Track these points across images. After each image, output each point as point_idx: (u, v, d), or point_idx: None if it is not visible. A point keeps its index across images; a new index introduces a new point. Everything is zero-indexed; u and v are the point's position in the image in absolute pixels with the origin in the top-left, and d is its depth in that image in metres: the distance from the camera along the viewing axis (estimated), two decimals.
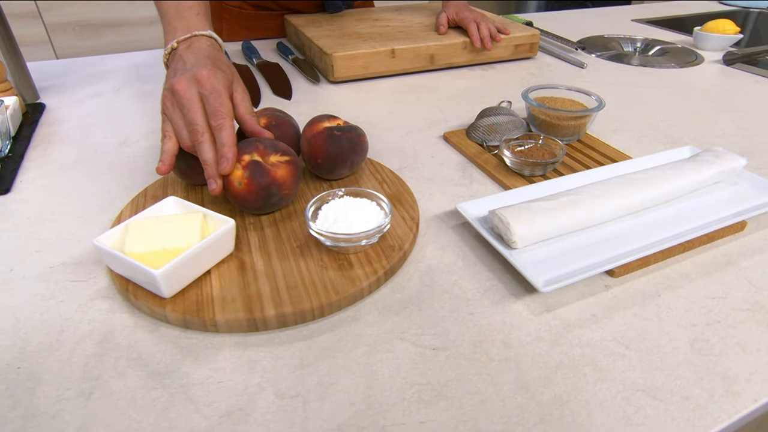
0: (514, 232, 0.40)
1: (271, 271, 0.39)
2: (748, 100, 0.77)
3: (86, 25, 2.22)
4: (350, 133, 0.48)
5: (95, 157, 0.59)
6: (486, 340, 0.35)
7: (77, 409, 0.30)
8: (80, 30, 2.22)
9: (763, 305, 0.38)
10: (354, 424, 0.30)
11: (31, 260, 0.43)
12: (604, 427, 0.30)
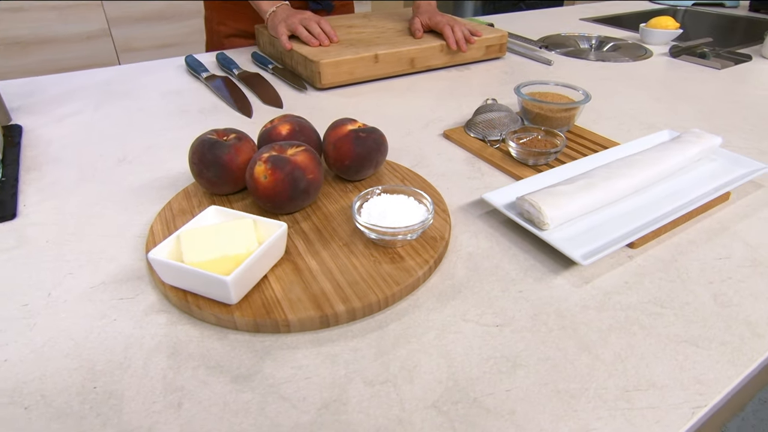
0: (546, 215, 0.44)
1: (327, 269, 0.40)
2: (699, 87, 0.86)
3: (12, 42, 2.09)
4: (374, 134, 0.50)
5: (97, 176, 0.57)
6: (541, 313, 0.39)
7: (171, 420, 0.31)
8: (6, 48, 2.08)
9: (761, 261, 0.44)
10: (447, 400, 0.32)
11: (67, 283, 0.41)
12: (664, 375, 0.34)
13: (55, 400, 0.32)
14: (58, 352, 0.35)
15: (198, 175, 0.48)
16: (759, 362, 0.35)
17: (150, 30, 2.34)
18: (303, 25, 0.85)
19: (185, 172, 0.58)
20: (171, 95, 0.80)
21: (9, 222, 0.49)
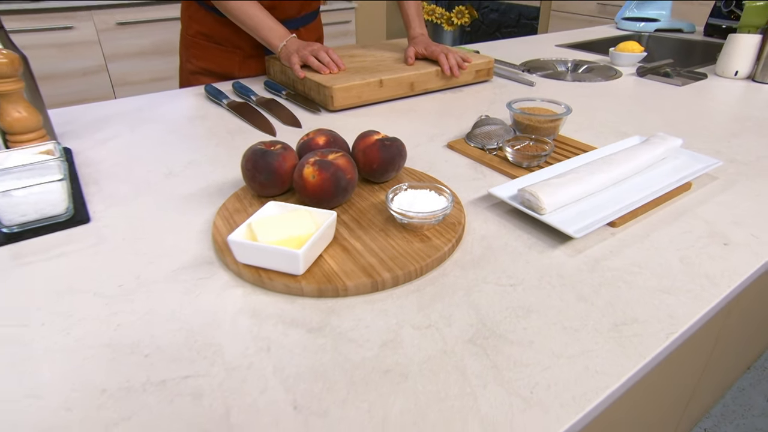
0: (543, 201, 0.54)
1: (370, 249, 0.50)
2: (663, 101, 1.00)
3: None
4: (396, 142, 0.61)
5: (150, 187, 0.66)
6: (545, 275, 0.49)
7: (265, 359, 0.39)
8: None
9: (716, 233, 0.56)
10: (479, 336, 0.41)
11: (150, 269, 0.50)
12: (643, 313, 0.44)
13: (167, 350, 0.40)
14: (160, 318, 0.44)
15: (251, 180, 0.57)
16: (715, 302, 0.45)
17: (144, 65, 2.44)
18: (313, 56, 0.96)
19: (227, 181, 0.67)
20: (197, 119, 0.90)
21: (85, 225, 0.58)
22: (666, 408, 0.88)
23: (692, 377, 0.92)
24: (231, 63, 1.12)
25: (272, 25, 1.00)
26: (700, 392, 1.05)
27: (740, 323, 1.01)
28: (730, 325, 0.93)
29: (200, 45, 1.12)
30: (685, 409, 1.03)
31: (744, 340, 1.16)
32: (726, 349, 1.01)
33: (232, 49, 1.11)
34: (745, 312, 0.99)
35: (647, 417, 0.79)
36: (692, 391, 1.00)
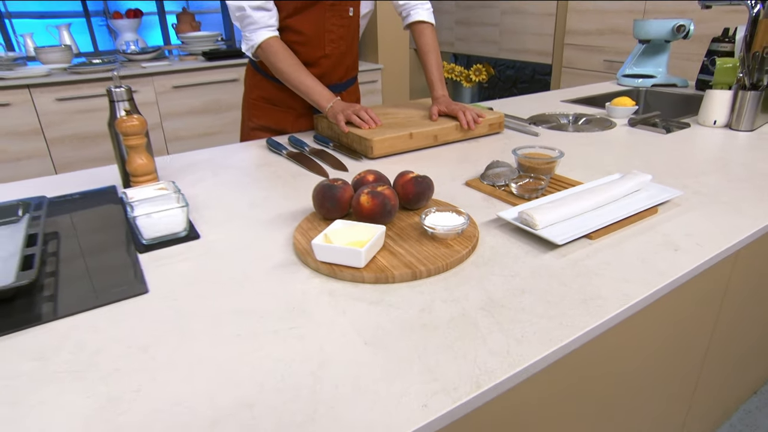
0: (536, 219, 0.74)
1: (409, 252, 0.70)
2: (649, 147, 1.20)
3: (84, 137, 2.50)
4: (426, 179, 0.82)
5: (239, 215, 0.88)
6: (537, 271, 0.68)
7: (342, 318, 0.59)
8: (76, 142, 2.49)
9: (670, 243, 0.74)
10: (488, 305, 0.60)
11: (251, 267, 0.71)
12: (608, 293, 0.62)
13: (275, 313, 0.60)
14: (266, 296, 0.64)
15: (320, 206, 0.79)
16: (661, 286, 0.64)
17: (194, 122, 2.77)
18: (355, 114, 1.20)
19: (296, 210, 0.89)
20: (264, 166, 1.14)
21: (197, 240, 0.80)
22: (662, 419, 1.02)
23: (686, 388, 1.07)
24: (285, 121, 1.38)
25: (321, 90, 1.25)
26: (698, 407, 1.18)
27: (731, 344, 1.15)
28: (719, 341, 1.08)
29: (260, 106, 1.38)
30: (683, 425, 1.16)
31: (744, 364, 1.29)
32: (720, 368, 1.15)
33: (287, 109, 1.37)
34: (736, 334, 1.14)
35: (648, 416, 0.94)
36: (688, 408, 1.13)
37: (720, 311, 1.03)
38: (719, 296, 1.00)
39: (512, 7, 3.45)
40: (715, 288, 0.97)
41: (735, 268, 1.00)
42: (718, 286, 0.98)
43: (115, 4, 3.44)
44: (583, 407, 0.79)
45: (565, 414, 0.75)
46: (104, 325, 0.59)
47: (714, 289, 0.97)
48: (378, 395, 0.47)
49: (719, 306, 1.02)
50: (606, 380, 0.80)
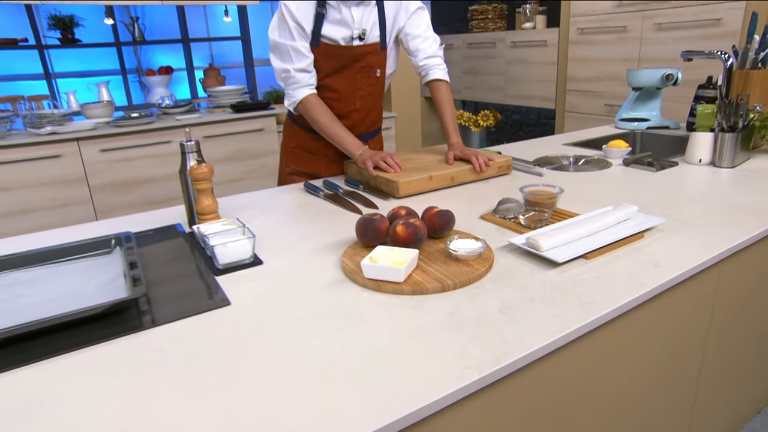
0: (541, 242, 0.92)
1: (438, 271, 0.87)
2: (640, 183, 1.38)
3: (121, 184, 2.73)
4: (449, 212, 1.00)
5: (292, 245, 1.07)
6: (542, 284, 0.85)
7: (388, 319, 0.76)
8: (116, 189, 2.72)
9: (652, 261, 0.91)
10: (503, 308, 0.77)
11: (308, 284, 0.88)
12: (599, 299, 0.79)
13: (334, 318, 0.77)
14: (325, 306, 0.81)
15: (362, 236, 0.97)
16: (642, 293, 0.80)
17: (222, 169, 3.00)
18: (382, 160, 1.40)
19: (339, 240, 1.07)
20: (305, 206, 1.33)
21: (260, 265, 0.98)
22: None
23: (685, 399, 1.20)
24: (319, 166, 1.59)
25: (351, 140, 1.46)
26: (698, 424, 1.30)
27: (725, 361, 1.29)
28: (712, 357, 1.22)
29: (297, 154, 1.60)
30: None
31: (742, 383, 1.41)
32: (716, 385, 1.28)
33: (321, 156, 1.58)
34: (728, 351, 1.27)
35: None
36: (689, 425, 1.26)
37: (710, 328, 1.18)
38: (707, 314, 1.15)
39: (516, 57, 3.73)
40: (702, 306, 1.12)
41: (719, 287, 1.15)
42: (705, 305, 1.13)
43: (147, 61, 3.77)
44: (586, 408, 0.93)
45: (567, 419, 0.90)
46: (201, 328, 0.77)
47: (700, 306, 1.12)
48: (424, 371, 0.64)
49: (708, 323, 1.17)
50: (606, 385, 0.95)
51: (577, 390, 0.86)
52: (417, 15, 1.50)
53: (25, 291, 0.91)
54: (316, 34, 1.41)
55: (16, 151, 2.44)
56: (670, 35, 2.77)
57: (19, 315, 0.81)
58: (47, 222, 2.55)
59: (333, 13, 1.39)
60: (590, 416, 0.91)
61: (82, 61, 3.52)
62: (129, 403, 0.60)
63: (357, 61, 1.47)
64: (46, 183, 2.53)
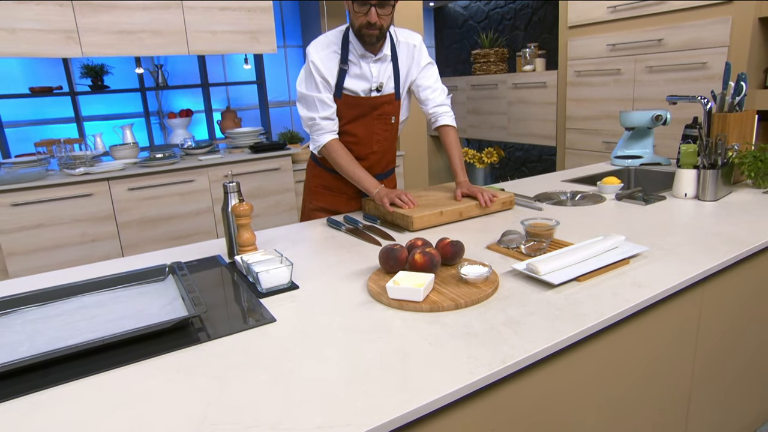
0: (539, 267, 1.08)
1: (452, 292, 1.03)
2: (630, 216, 1.54)
3: (147, 221, 2.92)
4: (459, 243, 1.17)
5: (323, 272, 1.23)
6: (540, 302, 1.00)
7: (412, 330, 0.91)
8: (143, 225, 2.91)
9: (635, 282, 1.06)
10: (507, 322, 0.93)
11: (342, 304, 1.04)
12: (589, 313, 0.94)
13: (365, 330, 0.93)
14: (356, 321, 0.97)
15: (385, 263, 1.13)
16: (626, 308, 0.96)
17: None
18: (397, 197, 1.58)
19: (363, 268, 1.23)
20: (329, 239, 1.50)
21: (297, 290, 1.14)
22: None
23: (678, 412, 1.32)
24: (339, 203, 1.77)
25: (369, 179, 1.64)
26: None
27: (714, 380, 1.42)
28: (701, 376, 1.36)
29: (319, 192, 1.78)
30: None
31: (732, 403, 1.53)
32: (707, 404, 1.41)
33: (341, 194, 1.76)
34: (717, 371, 1.40)
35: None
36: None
37: (696, 348, 1.31)
38: (693, 333, 1.29)
39: (517, 97, 3.97)
40: (688, 326, 1.27)
41: (704, 310, 1.29)
42: (690, 325, 1.27)
43: (168, 104, 4.04)
44: (581, 417, 1.07)
45: (564, 418, 1.04)
46: (254, 340, 0.92)
47: (686, 327, 1.26)
48: (443, 368, 0.79)
49: (695, 343, 1.31)
50: (601, 396, 1.09)
51: (573, 398, 1.00)
52: (427, 69, 1.70)
53: (97, 312, 1.07)
54: (339, 86, 1.61)
55: (52, 191, 2.65)
56: (661, 77, 2.99)
57: (99, 330, 0.97)
58: (77, 257, 2.73)
59: (354, 69, 1.60)
60: (586, 425, 1.05)
61: (107, 104, 3.77)
62: (207, 394, 0.76)
63: (374, 109, 1.67)
64: (78, 220, 2.72)
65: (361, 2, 1.46)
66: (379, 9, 1.46)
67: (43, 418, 0.72)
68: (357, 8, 1.47)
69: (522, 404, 0.91)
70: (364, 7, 1.46)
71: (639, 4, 3.00)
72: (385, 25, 1.52)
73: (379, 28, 1.50)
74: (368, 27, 1.49)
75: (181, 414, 0.72)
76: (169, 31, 2.95)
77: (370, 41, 1.53)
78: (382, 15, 1.48)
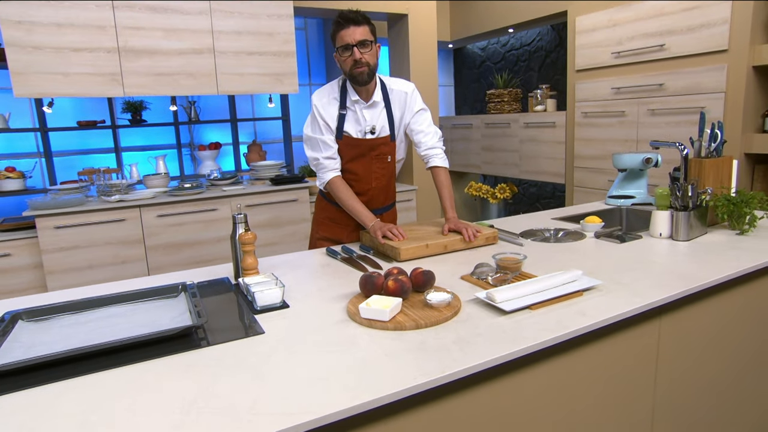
0: (496, 296, 1.24)
1: (416, 314, 1.21)
2: (603, 253, 1.69)
3: (171, 245, 3.18)
4: (430, 272, 1.34)
5: (313, 294, 1.42)
6: (492, 326, 1.16)
7: (375, 346, 1.09)
8: (168, 249, 3.17)
9: (581, 312, 1.22)
10: (461, 340, 1.09)
11: (324, 322, 1.23)
12: (532, 336, 1.10)
13: (338, 343, 1.11)
14: (333, 335, 1.15)
15: (363, 287, 1.32)
16: (564, 333, 1.11)
17: (263, 233, 3.43)
18: (389, 230, 1.77)
19: (348, 292, 1.41)
20: (325, 266, 1.70)
21: (287, 308, 1.33)
22: None
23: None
24: (342, 233, 1.97)
25: (366, 213, 1.84)
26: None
27: (681, 413, 1.52)
28: (662, 406, 1.47)
29: (325, 223, 1.99)
30: None
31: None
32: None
33: (344, 226, 1.96)
34: (679, 403, 1.51)
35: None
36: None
37: (656, 379, 1.43)
38: (651, 365, 1.41)
39: (529, 136, 4.15)
40: (645, 357, 1.39)
41: (662, 342, 1.42)
42: (648, 357, 1.40)
43: (198, 137, 4.37)
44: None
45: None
46: (244, 347, 1.11)
47: (644, 358, 1.39)
48: (393, 375, 0.96)
49: (654, 373, 1.43)
50: (548, 419, 1.23)
51: (523, 416, 1.15)
52: (419, 115, 1.92)
53: (118, 321, 1.29)
54: (339, 129, 1.84)
55: (90, 216, 2.95)
56: (662, 120, 3.13)
57: (119, 335, 1.18)
58: (107, 276, 3.00)
59: (351, 114, 1.83)
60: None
61: (144, 136, 4.13)
62: (199, 385, 0.95)
63: (372, 150, 1.88)
64: (111, 243, 3.01)
65: (344, 48, 1.73)
66: (361, 48, 1.72)
67: (71, 399, 0.93)
68: (342, 54, 1.75)
69: (469, 417, 1.07)
70: (348, 51, 1.73)
71: (641, 51, 3.18)
72: (372, 62, 1.76)
73: (367, 65, 1.74)
74: (356, 66, 1.73)
75: (176, 398, 0.91)
76: (201, 73, 3.28)
77: (362, 80, 1.76)
78: (365, 53, 1.73)
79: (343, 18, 1.69)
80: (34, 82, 2.91)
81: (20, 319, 1.28)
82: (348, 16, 1.69)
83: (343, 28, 1.69)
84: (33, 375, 1.02)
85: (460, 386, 1.04)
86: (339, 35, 1.71)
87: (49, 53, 2.91)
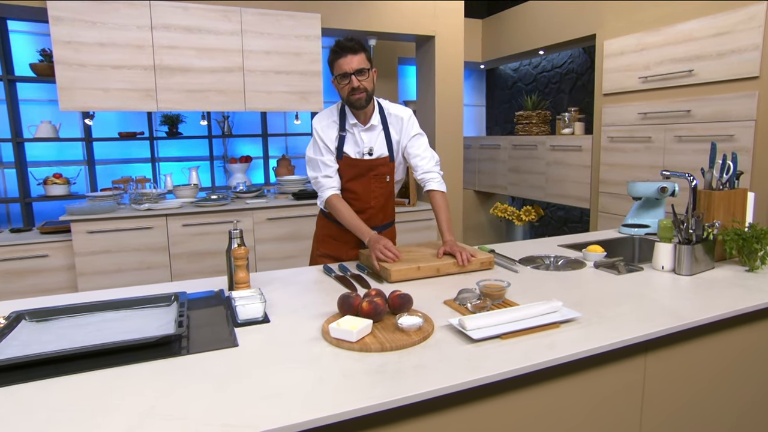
0: (467, 324, 1.25)
1: (385, 337, 1.23)
2: (598, 284, 1.66)
3: (196, 254, 3.31)
4: (407, 295, 1.36)
5: (295, 311, 1.46)
6: (457, 353, 1.17)
7: (336, 365, 1.12)
8: (191, 257, 3.30)
9: (553, 344, 1.20)
10: (422, 366, 1.11)
11: (298, 338, 1.27)
12: (497, 367, 1.10)
13: (307, 360, 1.15)
14: (304, 352, 1.19)
15: (341, 308, 1.35)
16: (531, 363, 1.11)
17: (279, 246, 3.53)
18: (384, 247, 1.78)
19: (331, 311, 1.45)
20: (318, 283, 1.74)
21: (267, 323, 1.38)
22: None
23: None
24: (341, 250, 2.02)
25: (364, 228, 1.86)
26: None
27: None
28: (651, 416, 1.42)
29: (326, 241, 2.04)
30: None
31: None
32: None
33: (343, 243, 2.01)
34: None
35: None
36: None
37: (642, 417, 1.39)
38: (637, 400, 1.37)
39: (555, 159, 4.09)
40: (630, 393, 1.35)
41: (648, 378, 1.38)
42: (633, 393, 1.36)
43: (231, 150, 4.54)
44: None
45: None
46: (219, 357, 1.17)
47: (629, 393, 1.35)
48: (343, 395, 0.99)
49: (639, 410, 1.39)
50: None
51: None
52: (415, 139, 1.96)
53: (111, 326, 1.37)
54: (339, 150, 1.90)
55: (120, 222, 3.12)
56: (689, 147, 3.03)
57: (107, 339, 1.26)
58: (133, 280, 3.16)
59: (350, 136, 1.89)
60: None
61: (180, 148, 4.33)
62: (161, 392, 1.01)
63: (371, 170, 1.93)
64: (138, 249, 3.17)
65: (342, 76, 1.79)
66: (359, 76, 1.77)
67: (41, 399, 1.00)
68: (341, 81, 1.81)
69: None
70: (346, 79, 1.79)
71: (669, 76, 3.10)
72: (369, 88, 1.81)
73: (365, 91, 1.80)
74: (354, 93, 1.78)
75: (135, 403, 0.97)
76: (231, 90, 3.43)
77: (359, 105, 1.82)
78: (362, 80, 1.79)
79: (340, 47, 1.76)
80: (78, 96, 3.12)
81: (24, 318, 1.39)
82: (345, 45, 1.75)
83: (341, 57, 1.76)
84: (10, 374, 1.10)
85: (415, 411, 1.05)
86: (337, 63, 1.78)
87: (92, 70, 3.12)
